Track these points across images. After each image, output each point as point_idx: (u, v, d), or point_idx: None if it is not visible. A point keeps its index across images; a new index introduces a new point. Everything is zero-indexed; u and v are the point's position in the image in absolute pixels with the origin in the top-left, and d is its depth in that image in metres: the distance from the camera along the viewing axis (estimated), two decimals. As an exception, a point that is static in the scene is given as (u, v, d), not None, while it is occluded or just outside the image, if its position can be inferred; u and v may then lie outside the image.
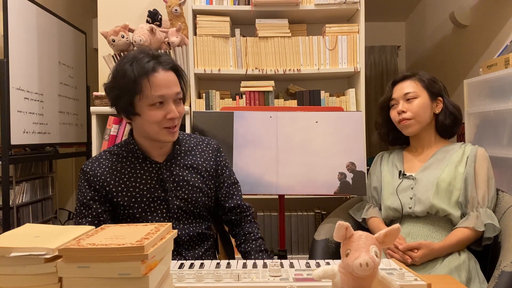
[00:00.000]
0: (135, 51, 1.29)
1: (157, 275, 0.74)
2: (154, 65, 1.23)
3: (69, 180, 3.81)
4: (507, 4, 2.75)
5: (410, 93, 1.60)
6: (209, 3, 2.36)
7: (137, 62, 1.22)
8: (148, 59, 1.23)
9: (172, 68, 1.28)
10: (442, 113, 1.62)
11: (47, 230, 0.80)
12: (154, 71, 1.22)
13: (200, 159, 1.40)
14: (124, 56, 1.29)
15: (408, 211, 1.55)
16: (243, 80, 2.39)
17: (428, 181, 1.54)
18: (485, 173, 1.52)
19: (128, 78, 1.21)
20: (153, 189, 1.31)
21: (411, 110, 1.59)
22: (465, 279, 1.39)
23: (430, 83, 1.62)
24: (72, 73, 3.28)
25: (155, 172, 1.32)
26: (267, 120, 1.74)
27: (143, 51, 1.27)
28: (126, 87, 1.21)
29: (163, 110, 1.24)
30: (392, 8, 4.36)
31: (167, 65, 1.26)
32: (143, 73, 1.21)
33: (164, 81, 1.23)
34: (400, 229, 0.84)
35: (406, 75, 1.66)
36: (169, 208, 1.32)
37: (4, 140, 2.37)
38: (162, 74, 1.23)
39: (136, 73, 1.21)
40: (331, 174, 1.70)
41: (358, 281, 0.79)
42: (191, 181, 1.35)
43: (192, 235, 1.35)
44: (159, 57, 1.26)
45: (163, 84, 1.23)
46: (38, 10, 2.74)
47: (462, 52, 3.42)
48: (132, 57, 1.24)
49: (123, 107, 1.25)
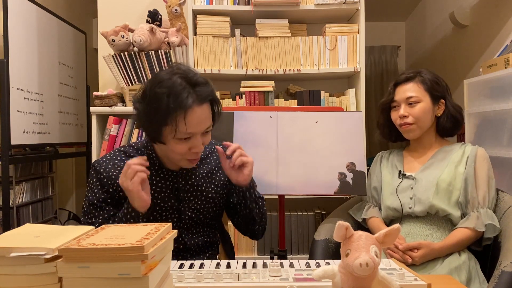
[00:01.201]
0: (171, 73, 1.16)
1: (157, 275, 0.74)
2: (192, 102, 1.13)
3: (69, 180, 3.81)
4: (507, 4, 2.75)
5: (413, 97, 1.58)
6: (209, 3, 2.37)
7: (175, 94, 1.12)
8: (186, 93, 1.13)
9: (209, 101, 1.20)
10: (444, 116, 1.61)
11: (47, 230, 0.80)
12: (191, 108, 1.13)
13: (215, 167, 1.37)
14: (160, 80, 1.16)
15: (408, 211, 1.55)
16: (243, 80, 2.39)
17: (428, 181, 1.54)
18: (485, 173, 1.52)
19: (161, 111, 1.13)
20: (166, 198, 1.28)
21: (413, 115, 1.58)
22: (465, 279, 1.39)
23: (432, 86, 1.59)
24: (72, 73, 3.28)
25: (170, 181, 1.29)
26: (267, 120, 1.74)
27: (182, 76, 1.16)
28: (156, 117, 1.14)
29: (189, 144, 1.18)
30: (392, 8, 4.36)
31: (205, 99, 1.17)
32: (179, 109, 1.12)
33: (196, 120, 1.15)
34: (400, 229, 0.84)
35: (409, 76, 1.62)
36: (180, 218, 1.29)
37: (4, 140, 2.37)
38: (197, 111, 1.14)
39: (171, 109, 1.12)
40: (331, 174, 1.69)
41: (358, 281, 0.79)
42: (204, 192, 1.32)
43: (200, 244, 1.34)
44: (197, 86, 1.16)
45: (195, 123, 1.15)
46: (38, 10, 2.74)
47: (462, 52, 3.42)
48: (169, 87, 1.13)
49: (150, 133, 1.20)
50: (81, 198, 3.90)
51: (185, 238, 1.30)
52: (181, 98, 1.12)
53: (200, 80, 1.18)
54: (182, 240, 1.30)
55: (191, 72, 1.19)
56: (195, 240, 1.32)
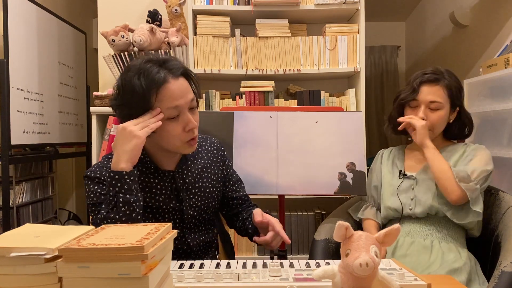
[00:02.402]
0: (139, 60, 1.17)
1: (157, 275, 0.74)
2: (165, 75, 1.12)
3: (69, 180, 3.81)
4: (507, 4, 2.75)
5: (436, 103, 1.53)
6: (209, 3, 2.37)
7: (145, 73, 1.12)
8: (157, 69, 1.13)
9: (183, 73, 1.18)
10: (455, 123, 1.60)
11: (47, 230, 0.80)
12: (165, 82, 1.12)
13: (207, 161, 1.35)
14: (128, 67, 1.17)
15: (408, 212, 1.54)
16: (243, 80, 2.39)
17: (429, 181, 1.54)
18: (479, 158, 1.50)
19: (137, 94, 1.11)
20: (167, 200, 1.25)
21: (431, 120, 1.54)
22: (465, 280, 1.39)
23: (456, 94, 1.55)
24: (72, 73, 3.28)
25: (168, 182, 1.26)
26: (267, 120, 1.74)
27: (149, 60, 1.16)
28: (137, 103, 1.12)
29: (181, 122, 1.16)
30: (392, 8, 4.36)
31: (177, 71, 1.15)
32: (153, 86, 1.11)
33: (177, 91, 1.13)
34: (400, 229, 0.84)
35: (436, 77, 1.54)
36: (183, 218, 1.28)
37: (4, 140, 2.37)
38: (173, 83, 1.13)
39: (145, 87, 1.10)
40: (331, 174, 1.69)
41: (358, 281, 0.79)
42: (202, 187, 1.31)
43: (202, 245, 1.33)
44: (166, 62, 1.16)
45: (176, 95, 1.13)
46: (38, 10, 2.75)
47: (462, 52, 3.42)
48: (138, 69, 1.13)
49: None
50: (81, 198, 3.90)
51: (188, 239, 1.29)
52: (153, 75, 1.11)
53: (168, 58, 1.18)
54: (185, 240, 1.29)
55: (156, 54, 1.19)
56: (197, 241, 1.31)
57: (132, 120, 1.13)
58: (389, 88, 4.74)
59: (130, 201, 1.11)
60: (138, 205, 1.13)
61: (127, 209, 1.11)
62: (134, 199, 1.12)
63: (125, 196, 1.11)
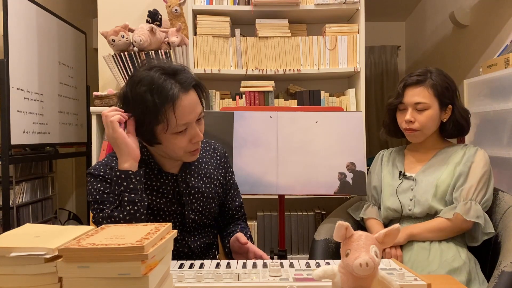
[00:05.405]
0: (150, 72, 1.13)
1: (157, 275, 0.74)
2: (177, 92, 1.10)
3: (69, 180, 3.81)
4: (507, 4, 2.75)
5: (421, 103, 1.54)
6: (209, 3, 2.37)
7: (158, 90, 1.09)
8: (169, 84, 1.10)
9: (194, 86, 1.16)
10: (449, 121, 1.59)
11: (47, 230, 0.80)
12: (177, 99, 1.10)
13: (210, 166, 1.35)
14: (138, 78, 1.12)
15: (408, 212, 1.55)
16: (243, 80, 2.39)
17: (428, 182, 1.54)
18: (479, 171, 1.50)
19: (149, 109, 1.09)
20: (169, 203, 1.25)
21: (420, 121, 1.55)
22: (465, 280, 1.39)
23: (442, 92, 1.55)
24: (72, 73, 3.28)
25: (171, 185, 1.26)
26: (267, 120, 1.74)
27: (159, 69, 1.13)
28: (148, 117, 1.10)
29: (188, 135, 1.16)
30: (392, 8, 4.36)
31: (189, 85, 1.13)
32: (167, 102, 1.09)
33: (187, 108, 1.12)
34: (400, 229, 0.84)
35: (419, 79, 1.56)
36: (184, 222, 1.28)
37: (4, 140, 2.37)
38: (184, 99, 1.11)
39: (159, 103, 1.08)
40: (331, 174, 1.69)
41: (358, 281, 0.79)
42: (205, 192, 1.30)
43: (203, 246, 1.33)
44: (177, 74, 1.13)
45: (186, 112, 1.12)
46: (38, 10, 2.75)
47: (462, 52, 3.42)
48: (149, 83, 1.10)
49: (144, 137, 1.17)
50: (81, 198, 3.90)
51: (188, 241, 1.29)
52: (166, 91, 1.09)
53: (178, 68, 1.16)
54: (186, 243, 1.29)
55: (166, 63, 1.17)
56: (198, 243, 1.31)
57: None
58: (389, 88, 4.74)
59: (135, 200, 1.12)
60: (143, 205, 1.14)
61: (132, 208, 1.12)
62: (139, 198, 1.13)
63: (130, 196, 1.12)
